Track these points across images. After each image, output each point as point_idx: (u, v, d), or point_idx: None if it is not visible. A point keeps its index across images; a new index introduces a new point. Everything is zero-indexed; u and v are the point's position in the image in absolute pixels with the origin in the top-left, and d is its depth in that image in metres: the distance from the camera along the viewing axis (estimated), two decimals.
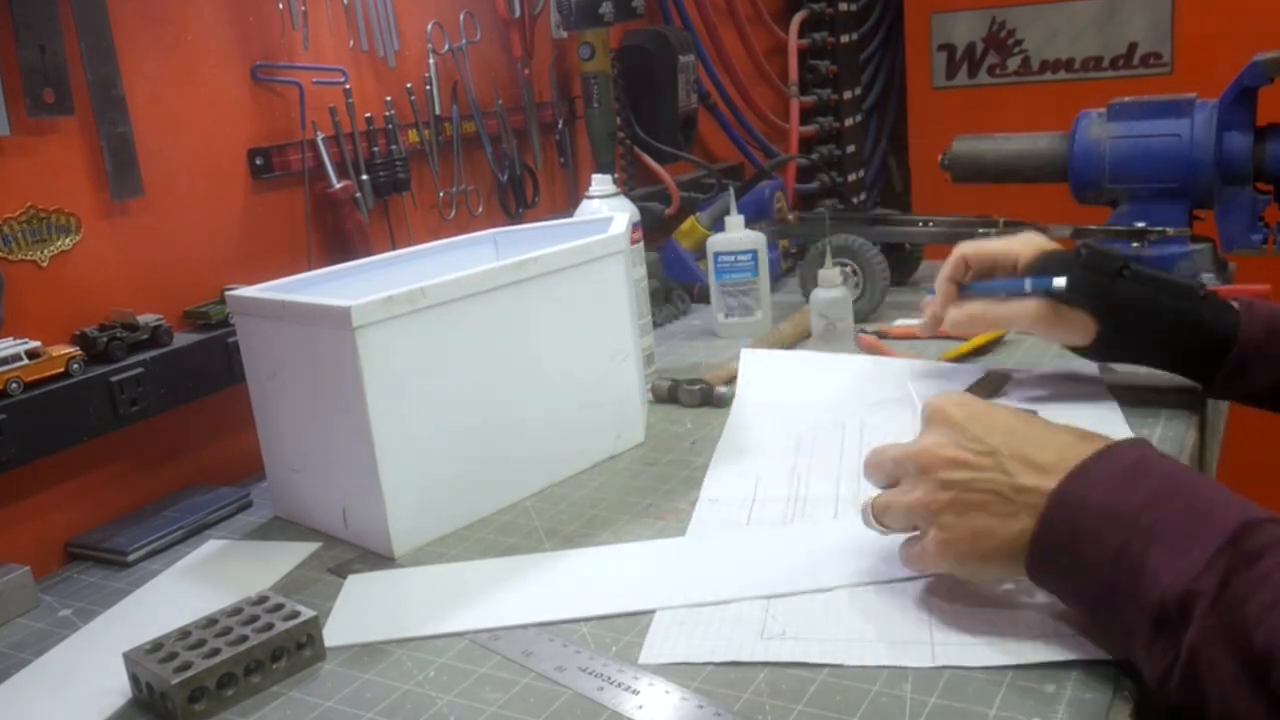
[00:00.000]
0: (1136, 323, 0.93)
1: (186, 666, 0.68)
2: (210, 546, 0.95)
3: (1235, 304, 0.92)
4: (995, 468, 0.64)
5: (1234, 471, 1.40)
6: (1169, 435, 0.94)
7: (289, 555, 0.90)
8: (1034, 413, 0.76)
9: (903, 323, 1.34)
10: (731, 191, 1.44)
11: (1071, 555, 0.61)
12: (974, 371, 1.09)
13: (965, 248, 1.03)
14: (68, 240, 0.96)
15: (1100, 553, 0.59)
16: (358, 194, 1.22)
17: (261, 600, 0.75)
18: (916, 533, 0.69)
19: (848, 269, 1.37)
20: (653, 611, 0.74)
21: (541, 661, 0.70)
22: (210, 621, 0.73)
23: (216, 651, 0.69)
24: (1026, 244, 1.01)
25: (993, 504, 0.64)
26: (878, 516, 0.71)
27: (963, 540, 0.65)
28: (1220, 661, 0.53)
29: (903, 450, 0.69)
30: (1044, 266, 0.96)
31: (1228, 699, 0.53)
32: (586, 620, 0.74)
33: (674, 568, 0.80)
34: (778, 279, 1.66)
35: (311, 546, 0.92)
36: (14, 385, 0.88)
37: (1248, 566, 0.54)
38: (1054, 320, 0.95)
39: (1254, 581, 0.53)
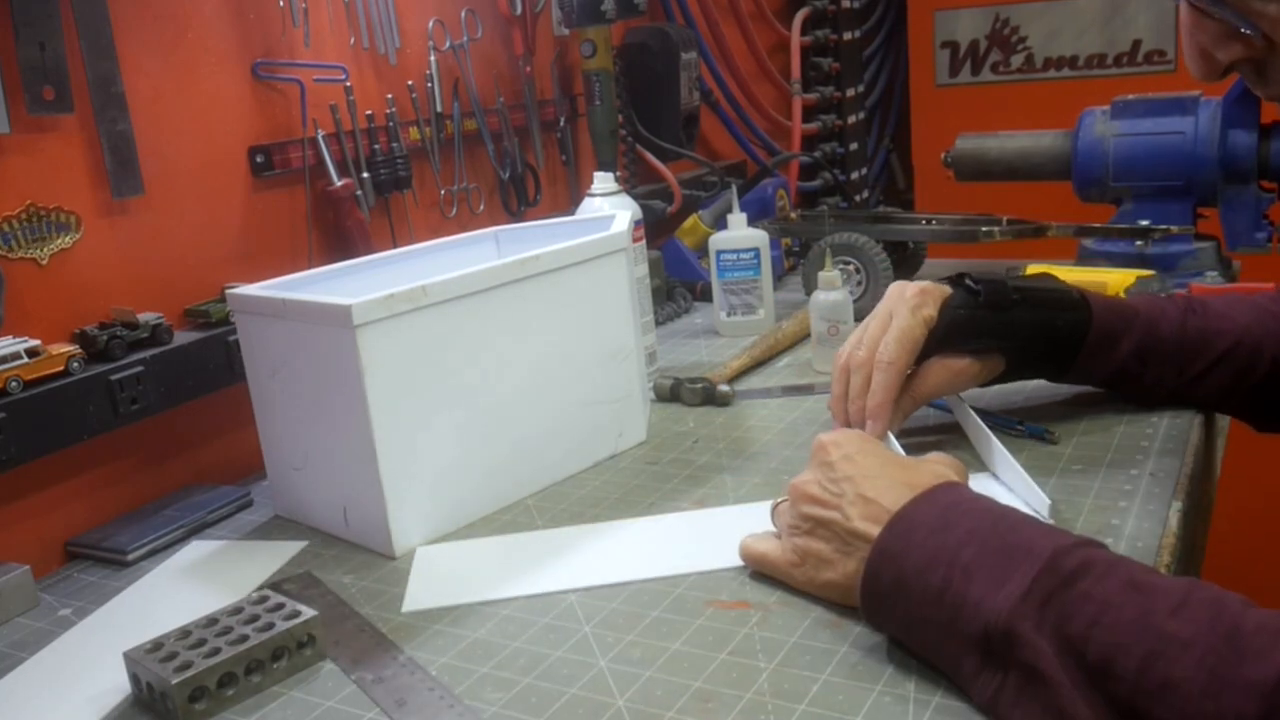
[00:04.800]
0: (1039, 347, 0.96)
1: (187, 666, 0.67)
2: (210, 545, 0.95)
3: (1081, 294, 0.96)
4: (838, 509, 0.71)
5: (1238, 465, 1.39)
6: (1172, 434, 0.93)
7: (289, 554, 0.90)
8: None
9: None
10: (734, 189, 1.43)
11: (897, 601, 0.65)
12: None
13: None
14: (67, 238, 0.95)
15: (924, 594, 0.62)
16: (359, 192, 1.22)
17: (262, 599, 0.75)
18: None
19: (850, 267, 1.37)
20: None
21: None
22: (211, 621, 0.73)
23: (217, 651, 0.69)
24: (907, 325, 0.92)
25: (834, 541, 0.71)
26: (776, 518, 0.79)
27: (807, 563, 0.73)
28: (1054, 677, 0.55)
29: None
30: (951, 320, 0.92)
31: (1064, 713, 0.54)
32: (589, 620, 0.74)
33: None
34: (780, 277, 1.66)
35: (312, 546, 0.91)
36: (14, 384, 0.87)
37: (1066, 587, 0.57)
38: (971, 371, 0.94)
39: (1075, 600, 0.56)
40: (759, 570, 0.77)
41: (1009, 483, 0.86)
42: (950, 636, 0.61)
